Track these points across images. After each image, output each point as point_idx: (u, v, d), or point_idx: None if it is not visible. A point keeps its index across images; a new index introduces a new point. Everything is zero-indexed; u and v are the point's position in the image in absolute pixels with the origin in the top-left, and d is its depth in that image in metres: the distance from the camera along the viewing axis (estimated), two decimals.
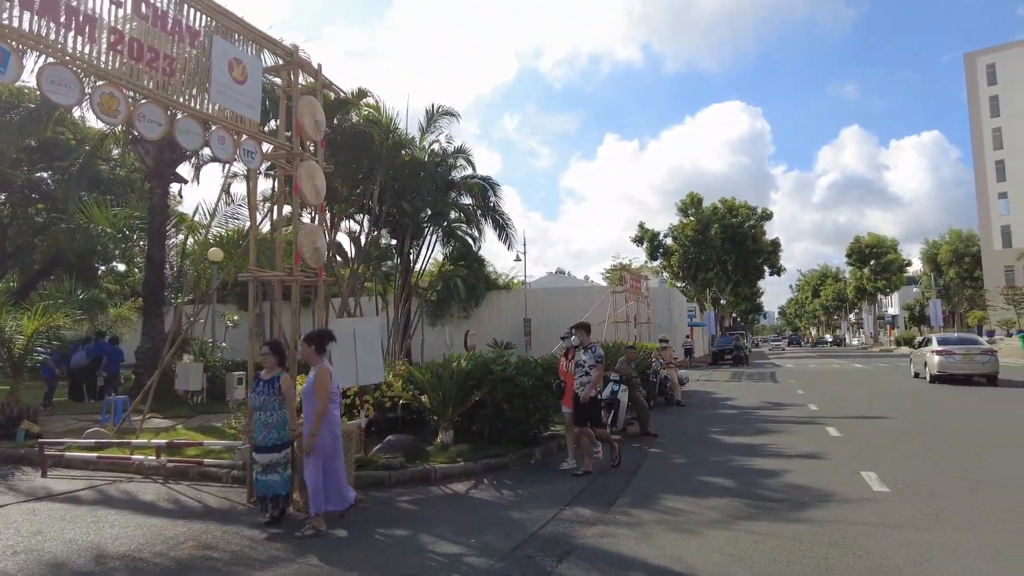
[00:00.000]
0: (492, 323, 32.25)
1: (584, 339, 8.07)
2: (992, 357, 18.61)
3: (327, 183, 16.50)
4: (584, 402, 7.79)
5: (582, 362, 7.95)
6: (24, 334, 11.28)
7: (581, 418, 7.89)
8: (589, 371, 7.86)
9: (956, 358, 18.69)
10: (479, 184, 20.04)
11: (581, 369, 7.94)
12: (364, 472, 7.58)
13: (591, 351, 7.98)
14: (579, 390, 7.85)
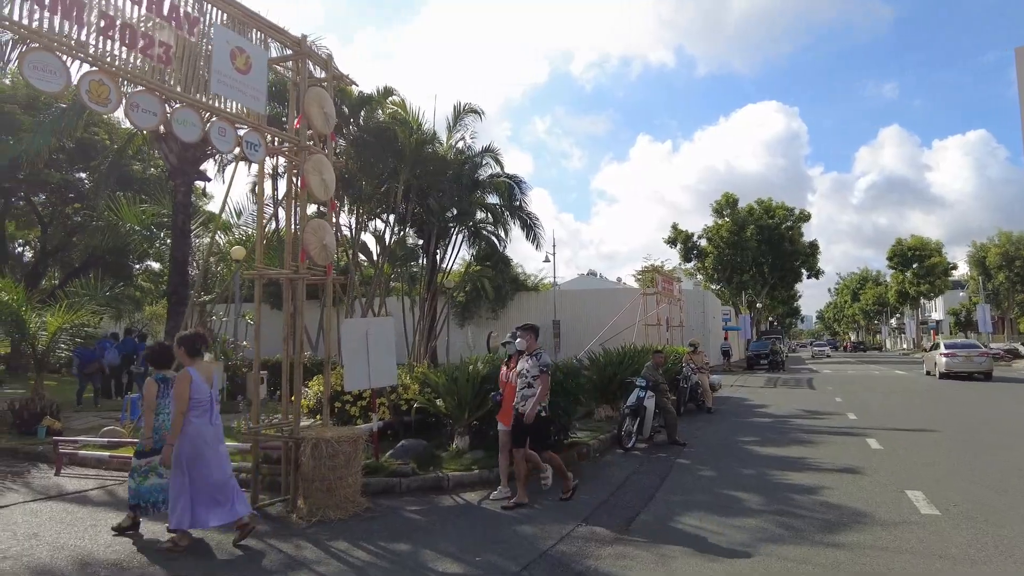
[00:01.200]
0: (520, 324, 31.87)
1: (531, 343, 6.86)
2: (987, 359, 23.17)
3: (352, 182, 16.43)
4: (528, 421, 6.54)
5: (524, 372, 6.71)
6: (48, 331, 11.29)
7: (518, 438, 6.66)
8: (532, 383, 6.63)
9: (959, 359, 22.88)
10: (506, 183, 19.69)
11: (523, 380, 6.68)
12: (374, 479, 7.28)
13: (535, 358, 6.72)
14: (519, 404, 6.65)
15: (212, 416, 5.47)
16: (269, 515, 6.38)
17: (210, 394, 5.48)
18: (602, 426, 11.14)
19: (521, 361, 6.84)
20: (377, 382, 8.08)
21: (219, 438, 5.55)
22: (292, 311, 6.82)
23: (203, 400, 5.39)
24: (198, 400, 5.35)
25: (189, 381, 5.32)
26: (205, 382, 5.44)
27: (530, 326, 7.04)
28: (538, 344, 6.98)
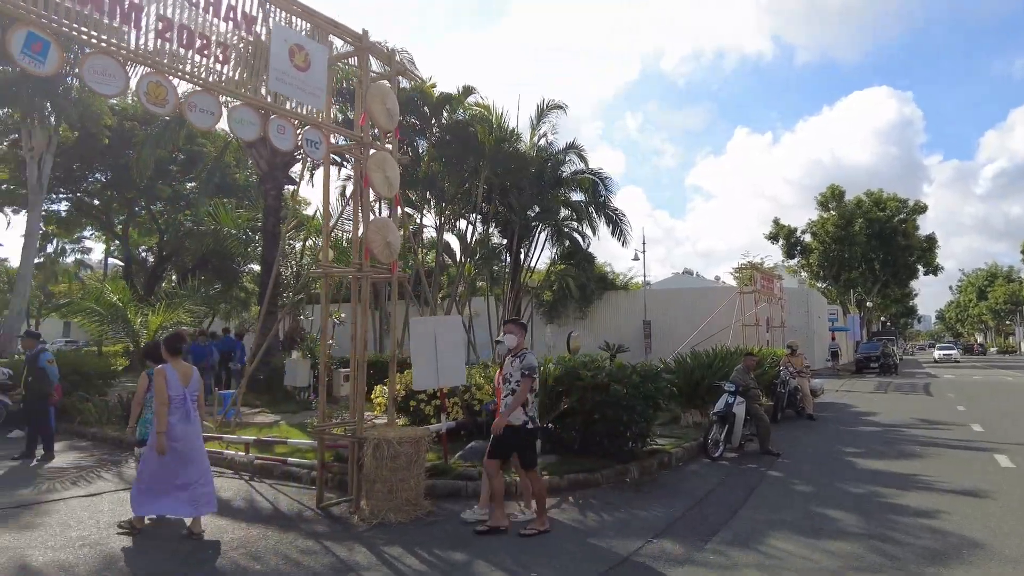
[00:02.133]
0: (609, 325, 31.17)
1: (519, 341, 5.95)
2: None
3: (434, 182, 16.52)
4: (495, 431, 5.64)
5: (509, 375, 5.82)
6: (149, 328, 12.02)
7: (494, 451, 5.76)
8: (517, 387, 5.70)
9: None
10: (590, 179, 19.21)
11: (507, 385, 5.80)
12: (441, 481, 7.11)
13: (520, 359, 5.78)
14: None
15: (187, 414, 5.60)
16: (332, 515, 6.34)
17: (184, 393, 5.60)
18: (688, 433, 10.48)
19: (507, 363, 5.95)
20: (445, 381, 7.92)
21: (190, 437, 5.64)
22: (362, 307, 6.76)
23: (176, 397, 5.53)
24: (171, 396, 5.49)
25: (165, 376, 5.49)
26: (181, 381, 5.60)
27: (514, 321, 6.12)
28: (526, 342, 6.14)
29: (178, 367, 5.67)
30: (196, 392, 5.76)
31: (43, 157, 19.85)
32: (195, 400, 5.73)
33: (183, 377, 5.65)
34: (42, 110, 19.28)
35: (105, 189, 26.24)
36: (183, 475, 5.53)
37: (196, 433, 5.73)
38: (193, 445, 5.67)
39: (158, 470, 5.52)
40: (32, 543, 5.36)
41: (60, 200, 27.36)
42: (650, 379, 8.37)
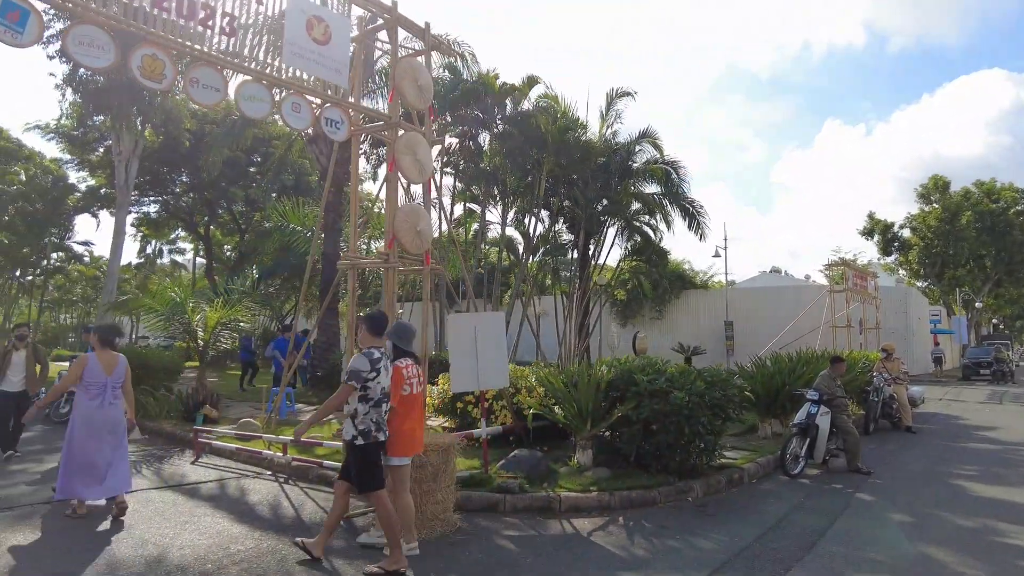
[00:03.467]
0: (687, 326, 29.72)
1: (363, 338, 4.97)
2: None
3: (497, 175, 15.97)
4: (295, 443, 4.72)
5: None
6: (208, 325, 12.07)
7: (342, 469, 4.98)
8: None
9: None
10: (662, 169, 18.10)
11: None
12: (477, 492, 6.49)
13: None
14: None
15: (104, 402, 5.93)
16: (353, 527, 5.83)
17: (105, 381, 5.94)
18: (765, 445, 9.41)
19: None
20: (486, 384, 7.31)
21: (109, 423, 5.96)
22: (388, 302, 6.24)
23: (94, 384, 5.90)
24: (89, 383, 5.88)
25: (84, 364, 5.91)
26: (103, 370, 5.94)
27: (369, 317, 5.10)
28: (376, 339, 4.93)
29: (104, 356, 6.02)
30: (120, 380, 6.09)
31: (129, 161, 20.80)
32: (117, 389, 6.05)
33: (106, 366, 5.99)
34: (129, 116, 20.16)
35: (188, 191, 27.33)
36: (99, 459, 5.88)
37: (116, 418, 6.06)
38: (112, 429, 6.00)
39: (79, 454, 5.84)
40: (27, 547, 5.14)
41: (150, 203, 28.77)
42: (718, 385, 7.43)
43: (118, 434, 6.06)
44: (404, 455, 4.93)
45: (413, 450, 5.02)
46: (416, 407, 5.05)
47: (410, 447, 4.97)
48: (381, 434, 4.72)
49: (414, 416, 5.02)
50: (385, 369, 4.79)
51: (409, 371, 4.99)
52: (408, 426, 4.94)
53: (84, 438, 5.87)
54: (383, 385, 4.74)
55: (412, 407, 5.00)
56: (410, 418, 4.97)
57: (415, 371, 5.09)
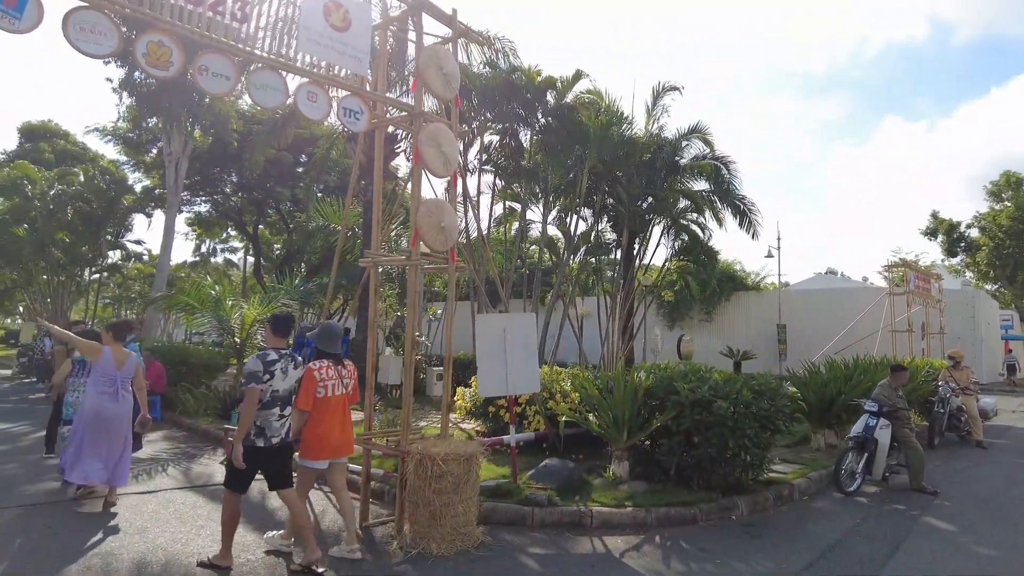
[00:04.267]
0: (738, 329, 28.68)
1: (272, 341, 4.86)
2: None
3: (538, 172, 15.58)
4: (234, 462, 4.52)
5: None
6: (244, 322, 12.07)
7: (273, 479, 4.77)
8: None
9: None
10: (711, 165, 17.38)
11: None
12: (503, 504, 6.13)
13: None
14: None
15: (116, 394, 6.14)
16: (372, 537, 5.56)
17: (116, 375, 6.15)
18: (818, 458, 8.76)
19: None
20: (516, 388, 6.95)
21: (117, 417, 6.15)
22: (410, 302, 5.96)
23: (104, 377, 6.10)
24: (100, 375, 6.09)
25: (99, 353, 6.14)
26: (115, 365, 6.16)
27: (270, 316, 5.08)
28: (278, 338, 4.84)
29: (116, 351, 6.24)
30: (130, 375, 6.30)
31: (179, 161, 21.27)
32: (126, 383, 6.26)
33: (118, 362, 6.19)
34: (180, 117, 20.59)
35: (238, 191, 27.86)
36: (107, 449, 6.09)
37: (126, 413, 6.24)
38: (120, 423, 6.19)
39: (88, 444, 6.03)
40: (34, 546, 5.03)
41: (201, 202, 29.48)
42: (766, 395, 6.87)
43: (123, 429, 6.25)
44: (314, 459, 4.91)
45: (327, 454, 4.95)
46: (333, 410, 4.94)
47: (322, 451, 4.91)
48: (261, 440, 4.57)
49: (330, 419, 4.91)
50: (282, 371, 4.68)
51: (323, 373, 4.91)
52: (321, 429, 4.87)
53: (93, 430, 6.05)
54: (275, 388, 4.62)
55: (327, 410, 4.90)
56: (324, 422, 4.88)
57: (333, 373, 4.98)
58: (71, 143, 31.61)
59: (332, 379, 4.97)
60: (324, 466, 5.00)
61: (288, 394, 4.74)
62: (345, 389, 5.10)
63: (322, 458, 4.95)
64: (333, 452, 5.00)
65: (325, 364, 4.99)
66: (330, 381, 4.95)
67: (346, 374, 5.14)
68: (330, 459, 5.02)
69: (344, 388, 5.08)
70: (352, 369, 5.28)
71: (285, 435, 4.72)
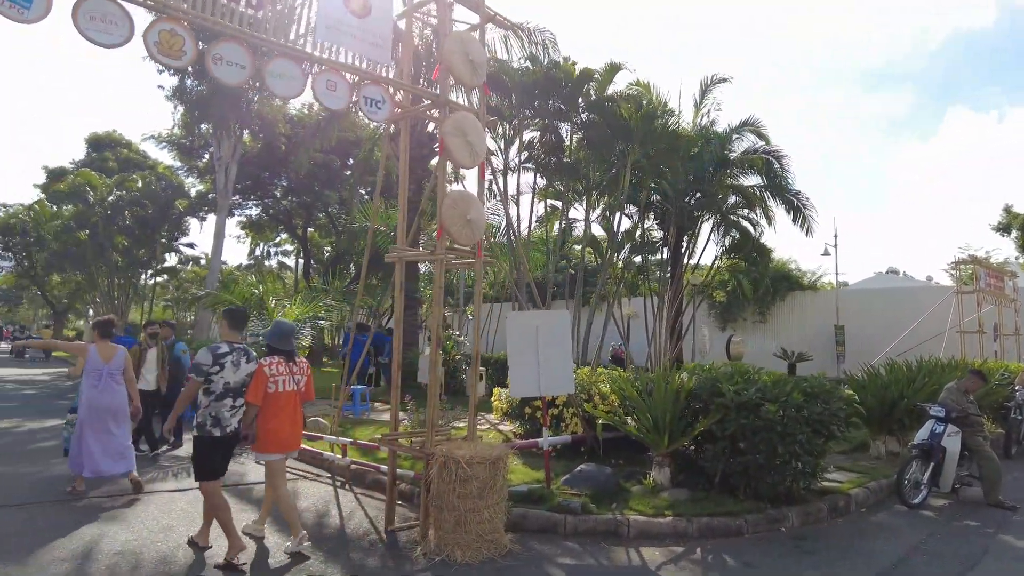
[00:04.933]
0: (793, 330, 27.52)
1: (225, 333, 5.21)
2: None
3: (578, 168, 15.23)
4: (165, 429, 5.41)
5: None
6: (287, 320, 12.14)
7: None
8: None
9: None
10: (762, 158, 16.66)
11: None
12: (535, 511, 5.84)
13: None
14: None
15: (103, 387, 6.50)
16: (396, 542, 5.36)
17: (104, 369, 6.53)
18: (878, 467, 8.16)
19: None
20: (549, 389, 6.65)
21: (111, 407, 6.50)
22: (435, 299, 5.74)
23: (94, 371, 6.51)
24: (91, 370, 6.50)
25: (86, 351, 6.66)
26: (102, 359, 6.56)
27: (227, 310, 5.30)
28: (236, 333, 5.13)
29: (102, 347, 6.64)
30: (119, 368, 6.61)
31: (228, 165, 21.76)
32: (116, 375, 6.59)
33: (104, 356, 6.59)
34: (228, 122, 21.08)
35: (287, 194, 28.39)
36: (107, 438, 6.49)
37: (118, 404, 6.58)
38: (115, 414, 6.55)
39: (89, 436, 6.43)
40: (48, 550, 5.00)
41: (252, 206, 30.19)
42: (819, 398, 6.38)
43: (119, 418, 6.63)
44: (269, 452, 5.04)
45: (281, 448, 5.07)
46: (283, 405, 5.02)
47: (276, 444, 5.03)
48: (217, 430, 4.76)
49: (281, 414, 5.00)
50: (233, 364, 4.82)
51: (273, 369, 5.00)
52: (273, 424, 4.97)
53: (91, 421, 6.48)
54: (227, 380, 4.78)
55: (277, 405, 4.98)
56: (276, 417, 4.98)
57: (284, 369, 5.06)
58: (133, 151, 32.88)
59: (283, 375, 5.05)
60: (278, 459, 5.10)
61: (240, 386, 4.87)
62: (297, 386, 5.14)
63: (273, 452, 5.05)
64: (284, 447, 5.11)
65: (276, 360, 5.06)
66: (280, 377, 5.02)
67: (297, 371, 5.18)
68: (283, 452, 5.13)
69: (296, 384, 5.13)
70: (305, 366, 5.32)
71: (236, 425, 4.87)
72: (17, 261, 34.81)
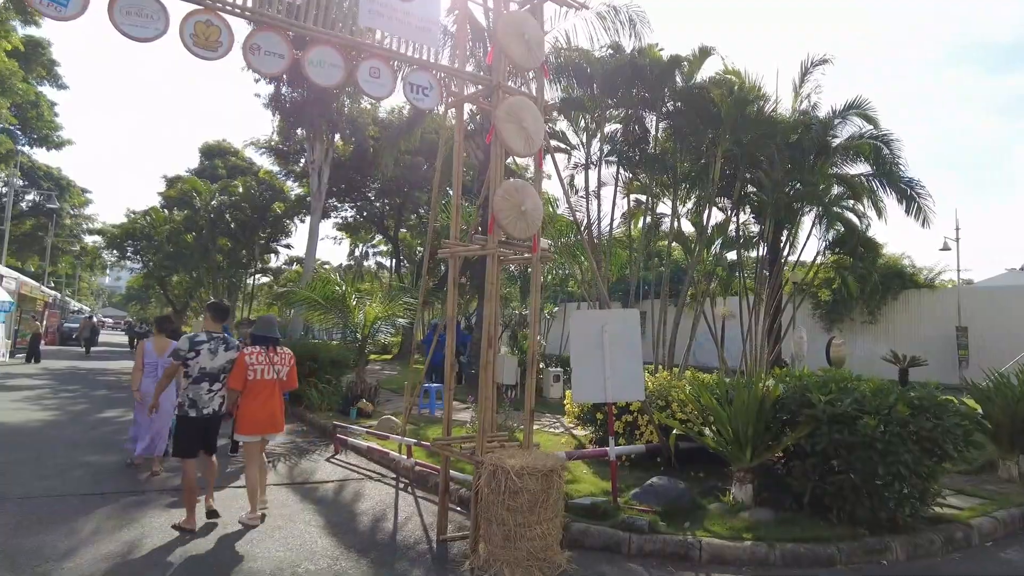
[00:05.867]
0: (908, 332, 25.19)
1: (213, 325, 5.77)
2: None
3: (664, 159, 14.50)
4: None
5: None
6: (367, 319, 12.25)
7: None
8: None
9: None
10: (871, 144, 15.21)
11: None
12: (598, 526, 5.39)
13: None
14: None
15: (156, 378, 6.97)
16: (446, 554, 5.07)
17: (158, 361, 7.19)
18: (1009, 493, 7.05)
19: None
20: (617, 395, 6.17)
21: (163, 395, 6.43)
22: (488, 295, 5.42)
23: (150, 363, 7.22)
24: (147, 363, 7.21)
25: (143, 349, 7.33)
26: (156, 352, 7.25)
27: (210, 304, 5.94)
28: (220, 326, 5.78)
29: (158, 341, 7.32)
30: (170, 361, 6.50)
31: (321, 169, 22.53)
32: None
33: (158, 349, 7.26)
34: (320, 127, 21.81)
35: (380, 196, 29.14)
36: (155, 424, 7.04)
37: (166, 393, 6.66)
38: (163, 401, 6.65)
39: (143, 420, 7.04)
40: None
41: (346, 208, 31.23)
42: (929, 410, 5.52)
43: (167, 406, 6.93)
44: (247, 433, 5.56)
45: (256, 430, 5.56)
46: (260, 391, 5.52)
47: (254, 426, 5.53)
48: (193, 411, 5.32)
49: (259, 399, 5.50)
50: (210, 351, 5.40)
51: (254, 358, 5.53)
52: (252, 407, 5.49)
53: (140, 407, 7.07)
54: (203, 365, 5.36)
55: (255, 390, 5.49)
56: (256, 400, 5.49)
57: (264, 359, 5.57)
58: (240, 158, 34.93)
59: (262, 364, 5.57)
60: (255, 439, 5.61)
61: (217, 372, 5.44)
62: (276, 374, 5.63)
63: (251, 433, 5.57)
64: (261, 428, 5.59)
65: (257, 350, 5.58)
66: (259, 366, 5.54)
67: (279, 360, 5.67)
68: (259, 435, 5.62)
69: (275, 373, 5.63)
70: (287, 356, 5.79)
71: (217, 408, 5.44)
72: (143, 263, 37.98)
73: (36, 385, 15.48)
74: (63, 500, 5.99)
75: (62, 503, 5.89)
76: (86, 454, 7.97)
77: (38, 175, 38.11)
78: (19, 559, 4.52)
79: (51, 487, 6.39)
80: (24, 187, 39.49)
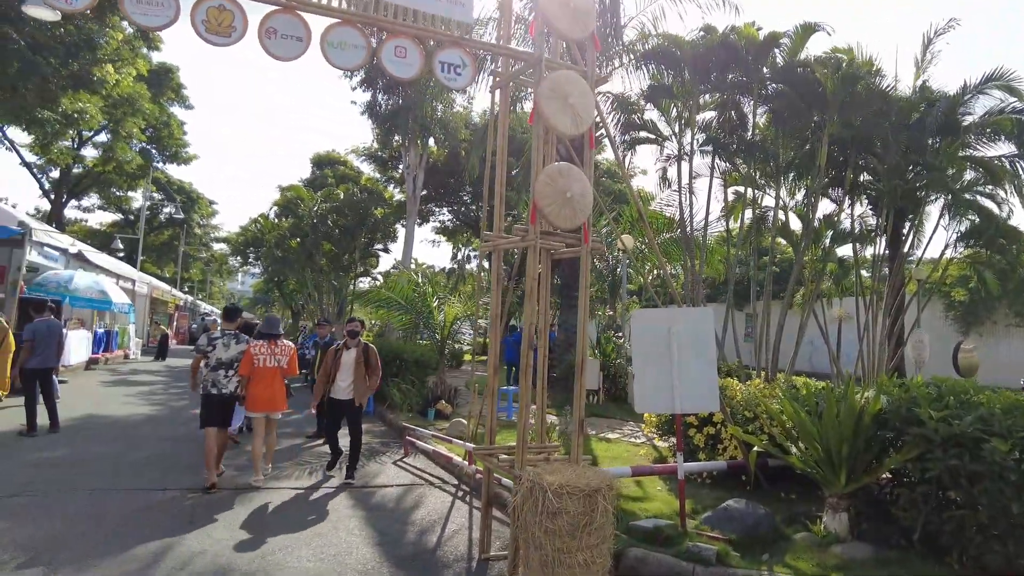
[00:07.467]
0: None
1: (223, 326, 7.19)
2: None
3: (765, 147, 13.33)
4: None
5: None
6: (447, 320, 12.09)
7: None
8: None
9: None
10: (1013, 120, 13.22)
11: None
12: (656, 554, 4.75)
13: None
14: None
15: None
16: (485, 574, 4.63)
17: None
18: None
19: None
20: (687, 405, 5.49)
21: None
22: (529, 293, 4.93)
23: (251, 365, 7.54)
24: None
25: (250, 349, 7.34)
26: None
27: (224, 307, 7.55)
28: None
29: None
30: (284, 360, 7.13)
31: (416, 173, 22.86)
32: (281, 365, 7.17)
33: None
34: (413, 131, 22.14)
35: (473, 200, 29.27)
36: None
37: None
38: None
39: None
40: None
41: (443, 212, 31.64)
42: None
43: None
44: (253, 411, 6.86)
45: (259, 407, 6.82)
46: (262, 376, 6.78)
47: (255, 405, 6.80)
48: (215, 390, 6.61)
49: (263, 382, 6.78)
50: (224, 345, 6.74)
51: (256, 349, 6.78)
52: (257, 390, 6.76)
53: None
54: (219, 356, 6.68)
55: (259, 376, 6.76)
56: (260, 384, 6.77)
57: (266, 350, 6.83)
58: (348, 167, 36.38)
59: (265, 354, 6.81)
60: (259, 416, 6.87)
61: (231, 361, 6.73)
62: (277, 363, 6.88)
63: (255, 410, 6.84)
64: (263, 406, 6.83)
65: (260, 343, 6.84)
66: (262, 356, 6.79)
67: (279, 351, 6.91)
68: (263, 412, 6.87)
69: (276, 362, 6.87)
70: (288, 348, 7.02)
71: (232, 389, 6.68)
72: (263, 268, 40.52)
73: (153, 381, 16.65)
74: (130, 495, 6.11)
75: (123, 497, 6.01)
76: (167, 450, 8.23)
77: (172, 189, 41.70)
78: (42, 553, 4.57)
79: (118, 483, 6.56)
80: (160, 200, 43.40)
